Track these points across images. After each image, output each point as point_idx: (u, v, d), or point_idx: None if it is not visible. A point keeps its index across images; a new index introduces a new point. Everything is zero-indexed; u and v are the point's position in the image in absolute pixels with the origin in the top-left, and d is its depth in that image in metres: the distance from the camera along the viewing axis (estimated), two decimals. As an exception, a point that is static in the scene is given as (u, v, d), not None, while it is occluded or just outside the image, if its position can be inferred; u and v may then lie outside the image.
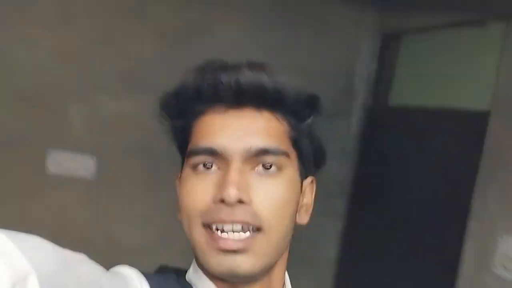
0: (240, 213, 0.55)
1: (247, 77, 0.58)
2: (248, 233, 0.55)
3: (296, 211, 0.62)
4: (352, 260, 2.57)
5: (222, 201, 0.54)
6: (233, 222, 0.54)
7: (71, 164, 2.14)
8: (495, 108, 1.98)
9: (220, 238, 0.55)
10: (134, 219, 2.21)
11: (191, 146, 0.60)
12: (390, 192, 2.40)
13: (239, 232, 0.55)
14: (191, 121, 0.62)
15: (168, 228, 2.33)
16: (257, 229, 0.55)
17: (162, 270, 0.64)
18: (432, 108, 2.29)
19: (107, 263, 0.55)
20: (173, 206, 2.29)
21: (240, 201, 0.54)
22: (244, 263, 0.55)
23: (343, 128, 2.55)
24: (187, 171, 0.60)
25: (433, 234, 2.12)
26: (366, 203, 2.48)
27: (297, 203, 0.62)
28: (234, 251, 0.54)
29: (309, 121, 0.63)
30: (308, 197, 0.66)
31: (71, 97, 2.16)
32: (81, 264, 0.43)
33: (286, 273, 0.66)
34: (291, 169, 0.60)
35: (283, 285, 0.64)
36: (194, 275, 0.62)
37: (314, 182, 0.67)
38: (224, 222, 0.55)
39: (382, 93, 2.63)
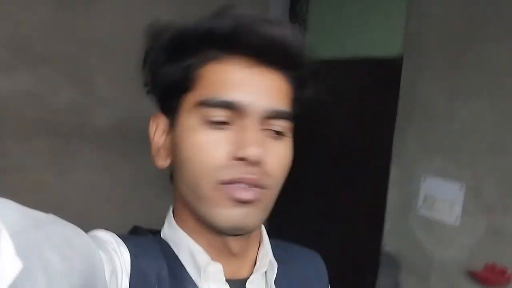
0: (256, 172, 0.55)
1: (281, 34, 0.56)
2: (258, 188, 0.56)
3: None
4: (283, 208, 2.59)
5: (241, 159, 0.54)
6: (249, 182, 0.55)
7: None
8: (407, 53, 2.02)
9: (236, 190, 0.54)
10: (44, 207, 2.03)
11: (203, 96, 0.56)
12: (314, 144, 2.41)
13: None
14: (197, 65, 0.57)
15: (84, 212, 2.18)
16: (265, 188, 0.56)
17: (136, 231, 0.64)
18: (346, 58, 2.30)
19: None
20: (88, 188, 2.11)
21: (259, 161, 0.54)
22: (252, 216, 0.56)
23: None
24: (193, 121, 0.56)
25: (359, 181, 2.17)
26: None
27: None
28: (247, 202, 0.55)
29: (311, 90, 0.63)
30: None
31: (-46, 76, 1.88)
32: (52, 223, 0.41)
33: (263, 225, 0.68)
34: (290, 132, 0.61)
35: (261, 237, 0.67)
36: (170, 232, 0.62)
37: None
38: (241, 181, 0.54)
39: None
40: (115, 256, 0.52)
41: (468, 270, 1.69)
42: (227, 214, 0.55)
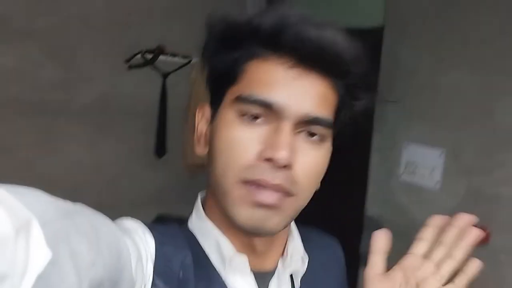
0: (282, 176, 0.54)
1: (330, 39, 0.54)
2: (283, 193, 0.55)
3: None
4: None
5: (269, 160, 0.53)
6: (273, 186, 0.54)
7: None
8: (388, 24, 2.06)
9: (258, 192, 0.54)
10: (33, 186, 2.02)
11: (243, 91, 0.55)
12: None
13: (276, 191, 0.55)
14: (244, 59, 0.57)
15: (74, 188, 2.18)
16: (291, 195, 0.55)
17: (163, 219, 0.65)
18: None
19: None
20: (76, 165, 2.09)
21: (286, 165, 0.53)
22: (272, 220, 0.55)
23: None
24: (230, 115, 0.56)
25: (342, 150, 2.22)
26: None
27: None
28: (268, 207, 0.54)
29: (362, 101, 0.61)
30: None
31: None
32: (80, 213, 0.41)
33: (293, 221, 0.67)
34: (330, 140, 0.60)
35: (289, 231, 0.67)
36: (198, 223, 0.62)
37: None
38: (266, 184, 0.54)
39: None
40: (140, 243, 0.52)
41: (449, 231, 1.77)
42: (247, 215, 0.55)
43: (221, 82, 0.59)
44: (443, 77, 1.83)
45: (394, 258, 0.65)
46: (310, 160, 0.56)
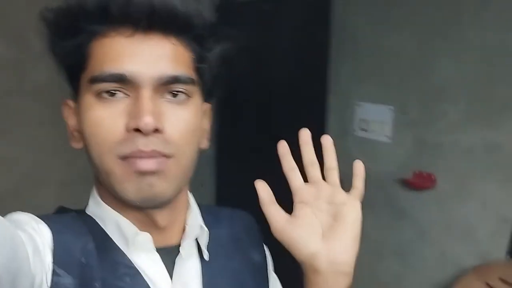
0: (155, 141, 0.53)
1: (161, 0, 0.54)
2: (161, 158, 0.55)
3: (200, 136, 0.62)
4: (229, 157, 2.76)
5: (137, 130, 0.52)
6: (149, 153, 0.53)
7: None
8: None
9: (136, 161, 0.53)
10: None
11: (93, 72, 0.54)
12: (253, 86, 2.53)
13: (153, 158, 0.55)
14: (86, 42, 0.55)
15: (32, 166, 2.16)
16: (169, 156, 0.55)
17: (60, 210, 0.63)
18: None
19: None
20: (34, 144, 2.06)
21: (155, 130, 0.53)
22: (159, 186, 0.55)
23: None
24: (88, 98, 0.55)
25: (300, 112, 2.34)
26: (233, 100, 2.56)
27: (201, 129, 0.62)
28: (151, 173, 0.54)
29: (215, 51, 0.61)
30: (207, 123, 0.66)
31: None
32: None
33: (189, 193, 0.67)
34: (197, 96, 0.59)
35: (188, 205, 0.67)
36: (96, 208, 0.61)
37: (210, 108, 0.68)
38: (141, 153, 0.53)
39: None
40: (35, 235, 0.51)
41: (400, 179, 1.96)
42: (134, 187, 0.54)
43: (73, 71, 0.58)
44: (386, 39, 1.97)
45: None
46: (179, 119, 0.56)
